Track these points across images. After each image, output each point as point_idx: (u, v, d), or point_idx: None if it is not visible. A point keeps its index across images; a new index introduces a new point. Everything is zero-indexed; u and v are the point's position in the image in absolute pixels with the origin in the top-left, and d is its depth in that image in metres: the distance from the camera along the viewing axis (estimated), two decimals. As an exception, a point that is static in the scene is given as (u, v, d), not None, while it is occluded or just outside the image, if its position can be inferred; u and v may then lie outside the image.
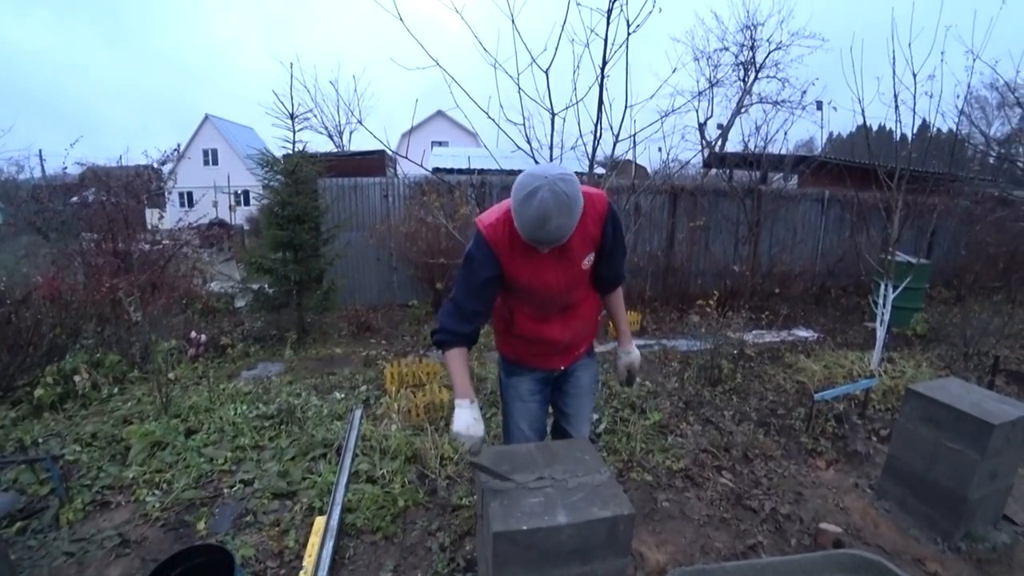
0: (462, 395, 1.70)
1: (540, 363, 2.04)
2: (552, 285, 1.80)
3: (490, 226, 1.71)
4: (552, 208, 1.46)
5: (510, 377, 2.09)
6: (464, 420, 1.65)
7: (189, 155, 27.41)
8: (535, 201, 1.46)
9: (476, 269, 1.71)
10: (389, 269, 7.91)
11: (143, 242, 6.51)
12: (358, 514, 2.61)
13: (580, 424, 2.16)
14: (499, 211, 1.74)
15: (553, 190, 1.45)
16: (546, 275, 1.77)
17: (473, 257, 1.72)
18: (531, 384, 2.07)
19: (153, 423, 3.57)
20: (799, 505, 2.85)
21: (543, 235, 1.52)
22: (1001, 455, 2.53)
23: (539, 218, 1.47)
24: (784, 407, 4.16)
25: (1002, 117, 13.15)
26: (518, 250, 1.71)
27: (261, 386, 4.49)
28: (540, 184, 1.46)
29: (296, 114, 5.98)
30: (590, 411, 2.23)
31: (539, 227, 1.49)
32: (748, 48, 15.77)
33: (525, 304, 1.87)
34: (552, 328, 1.92)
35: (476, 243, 1.73)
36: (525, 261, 1.73)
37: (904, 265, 5.59)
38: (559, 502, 1.48)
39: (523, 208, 1.49)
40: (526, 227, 1.52)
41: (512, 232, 1.68)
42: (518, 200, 1.50)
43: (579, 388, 2.13)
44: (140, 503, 2.76)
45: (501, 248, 1.70)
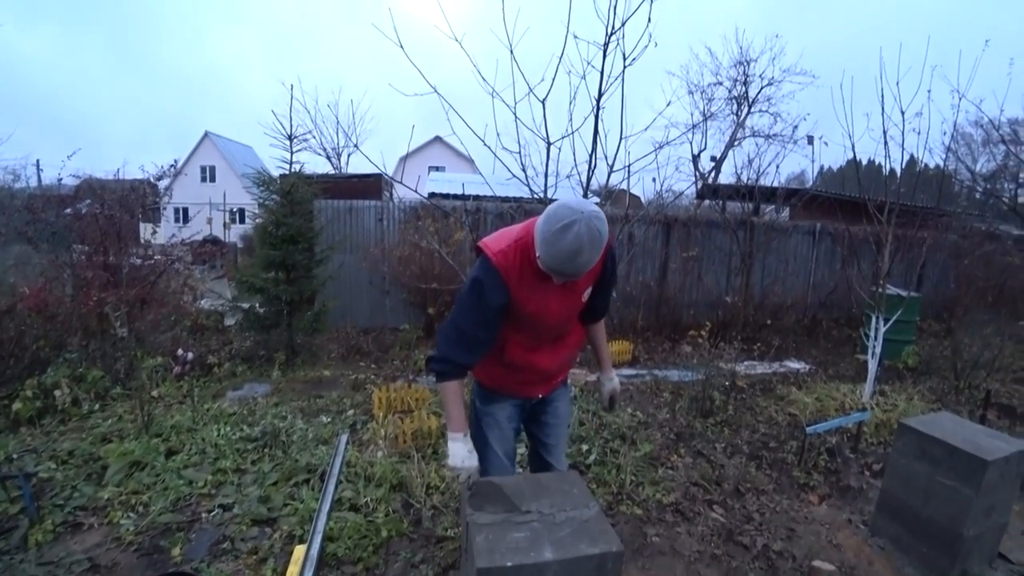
0: (457, 428, 1.73)
1: (520, 391, 2.02)
2: (555, 315, 1.81)
3: (501, 252, 1.69)
4: (586, 243, 1.46)
5: (487, 405, 2.05)
6: (460, 453, 1.69)
7: (187, 171, 27.46)
8: (570, 235, 1.45)
9: (486, 296, 1.68)
10: (381, 292, 7.87)
11: (134, 256, 6.44)
12: (340, 543, 2.53)
13: (560, 453, 2.15)
14: (509, 238, 1.73)
15: (589, 225, 1.46)
16: (551, 305, 1.77)
17: (483, 284, 1.68)
18: (509, 411, 2.05)
19: (133, 442, 3.48)
20: (791, 542, 2.80)
21: (571, 268, 1.52)
22: (996, 492, 2.50)
23: (573, 251, 1.47)
24: (776, 440, 4.12)
25: (987, 153, 13.46)
26: (527, 279, 1.70)
27: (246, 407, 4.41)
28: (577, 218, 1.46)
29: (295, 135, 6.01)
30: (566, 441, 2.23)
31: (570, 260, 1.49)
32: (741, 83, 16.17)
33: (520, 332, 1.85)
34: (542, 357, 1.91)
35: (485, 270, 1.69)
36: (533, 290, 1.72)
37: (895, 298, 5.62)
38: (546, 537, 1.43)
39: (557, 239, 1.47)
40: (556, 258, 1.50)
41: (523, 260, 1.68)
42: (552, 231, 1.48)
43: (558, 418, 2.12)
44: (114, 526, 2.68)
45: (511, 275, 1.69)
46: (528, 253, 1.68)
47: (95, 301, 4.98)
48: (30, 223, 6.96)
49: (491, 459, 2.05)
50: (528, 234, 1.69)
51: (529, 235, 1.68)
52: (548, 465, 2.12)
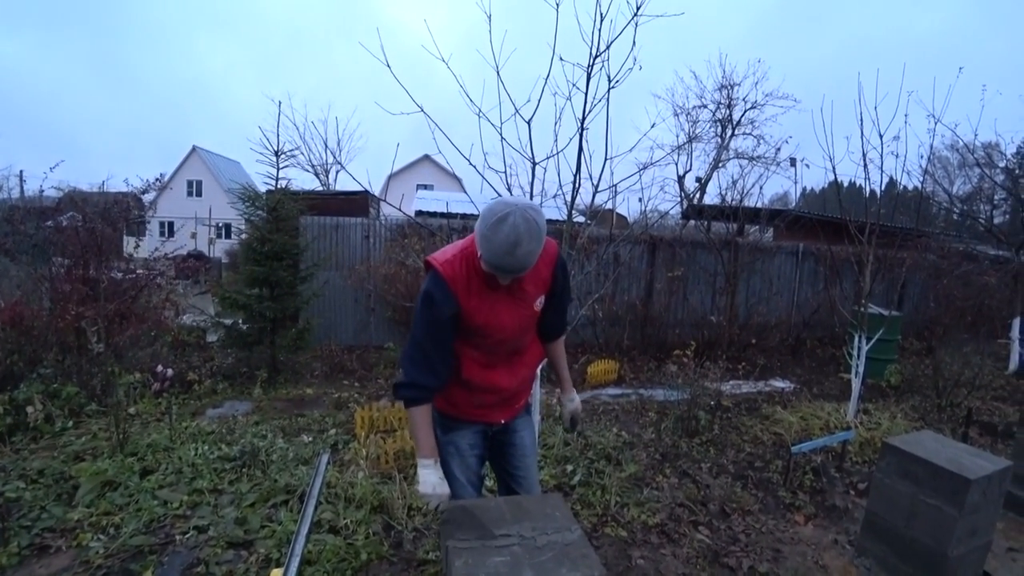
0: (427, 454, 1.70)
1: (481, 416, 1.94)
2: (507, 326, 1.78)
3: (446, 263, 1.68)
4: (523, 233, 1.47)
5: (448, 433, 1.96)
6: (430, 480, 1.66)
7: (173, 185, 27.31)
8: (506, 226, 1.46)
9: (436, 307, 1.66)
10: (366, 310, 7.82)
11: (116, 270, 6.33)
12: (318, 567, 2.47)
13: (531, 485, 2.07)
14: (454, 249, 1.72)
15: (524, 216, 1.48)
16: (501, 316, 1.75)
17: (432, 296, 1.66)
18: (471, 438, 1.96)
19: (107, 461, 3.39)
20: (778, 563, 2.78)
21: (512, 261, 1.51)
22: (979, 511, 2.50)
23: (510, 243, 1.47)
24: (761, 459, 4.11)
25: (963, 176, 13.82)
26: (475, 288, 1.69)
27: (226, 426, 4.32)
28: (510, 211, 1.48)
29: (282, 151, 6.00)
30: (536, 469, 2.14)
31: (509, 252, 1.48)
32: (725, 106, 16.51)
33: (475, 348, 1.81)
34: (499, 375, 1.87)
35: (433, 282, 1.67)
36: (481, 300, 1.70)
37: (877, 317, 5.69)
38: (526, 562, 1.40)
39: (493, 233, 1.48)
40: (496, 253, 1.50)
41: (469, 270, 1.68)
42: (488, 225, 1.49)
43: (524, 448, 2.05)
44: (83, 548, 2.58)
45: (459, 285, 1.67)
46: (473, 261, 1.67)
47: (72, 315, 4.88)
48: (9, 235, 6.84)
49: (455, 488, 1.93)
50: (472, 244, 1.68)
51: (473, 245, 1.67)
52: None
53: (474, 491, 2.01)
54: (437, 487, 1.65)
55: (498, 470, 2.11)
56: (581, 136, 3.50)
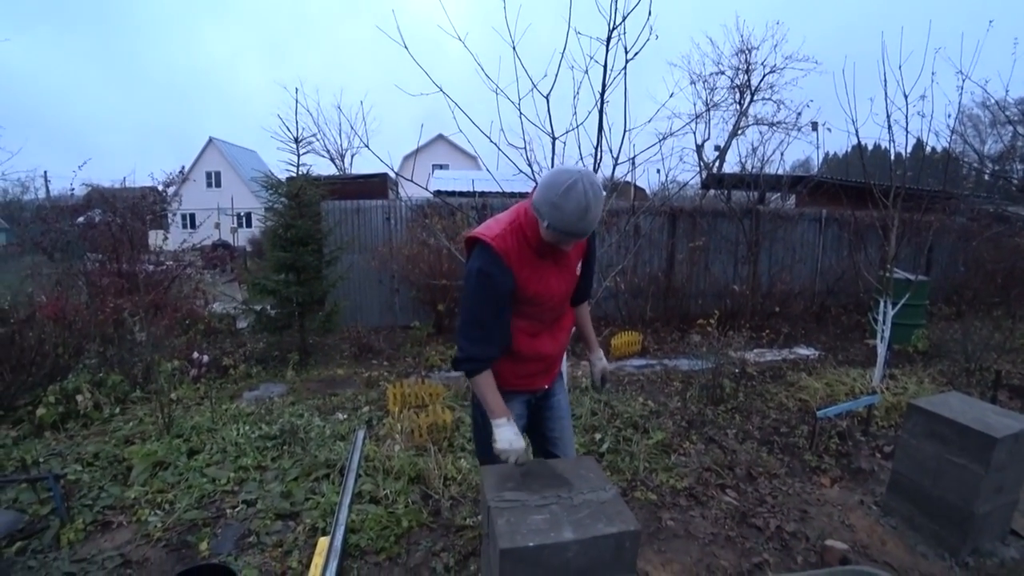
0: (499, 414, 1.78)
1: (527, 385, 2.01)
2: (555, 292, 1.86)
3: (498, 238, 1.72)
4: (592, 197, 1.53)
5: None
6: (506, 436, 1.74)
7: (193, 177, 27.67)
8: (576, 193, 1.51)
9: (497, 284, 1.71)
10: (391, 291, 7.94)
11: (147, 263, 6.55)
12: (362, 535, 2.60)
13: (567, 446, 2.14)
14: (499, 224, 1.77)
15: (590, 180, 1.54)
16: (551, 283, 1.82)
17: (489, 273, 1.70)
18: (518, 408, 2.02)
19: (155, 443, 3.57)
20: (804, 523, 2.84)
21: (584, 225, 1.57)
22: (1005, 469, 2.53)
23: (582, 208, 1.52)
24: (787, 425, 4.15)
25: (995, 135, 13.33)
26: (526, 260, 1.75)
27: (263, 407, 4.48)
28: (576, 177, 1.52)
29: (300, 138, 6.08)
30: (572, 432, 2.24)
31: (581, 217, 1.54)
32: (743, 72, 16.03)
33: (523, 318, 1.87)
34: (544, 342, 1.95)
35: (487, 258, 1.71)
36: (532, 270, 1.77)
37: (903, 282, 5.62)
38: (565, 519, 1.49)
39: (564, 200, 1.52)
40: (568, 219, 1.54)
41: (520, 242, 1.73)
42: (557, 194, 1.53)
43: (560, 411, 2.14)
44: (142, 523, 2.75)
45: (512, 258, 1.73)
46: (523, 234, 1.73)
47: (111, 308, 5.09)
48: (44, 233, 7.10)
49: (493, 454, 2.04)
50: (519, 217, 1.75)
51: (520, 218, 1.74)
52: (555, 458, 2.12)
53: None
54: (513, 442, 1.73)
55: (535, 435, 2.19)
56: (601, 109, 3.50)
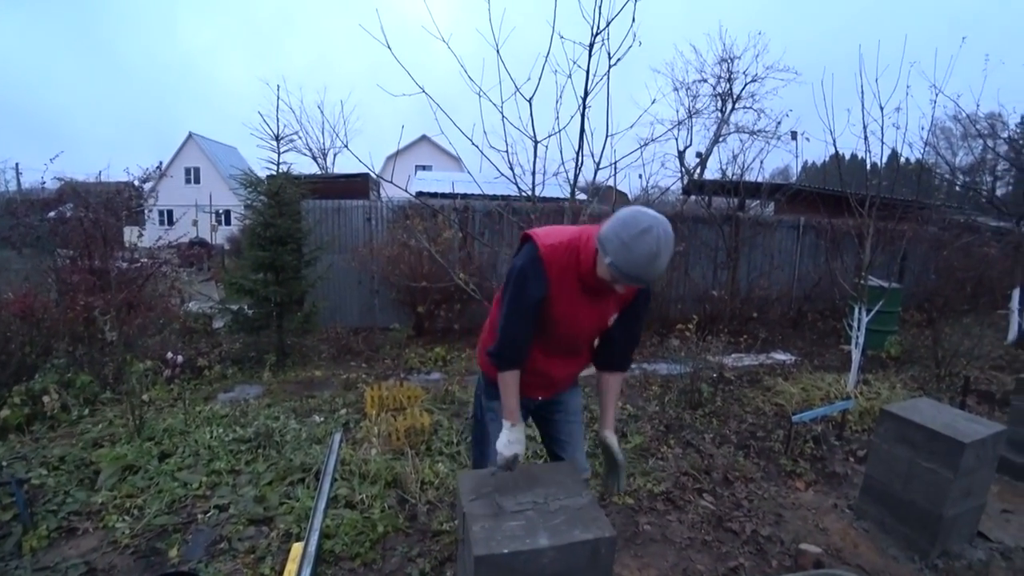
0: (510, 417, 1.81)
1: (524, 392, 1.99)
2: (582, 328, 1.83)
3: (551, 247, 1.68)
4: (664, 246, 1.47)
5: (491, 400, 2.06)
6: (505, 439, 1.79)
7: (171, 173, 27.12)
8: (649, 238, 1.45)
9: (528, 287, 1.69)
10: (371, 292, 7.88)
11: (120, 260, 6.38)
12: (336, 540, 2.56)
13: (575, 449, 2.15)
14: (561, 236, 1.72)
15: (666, 230, 1.47)
16: (579, 315, 1.78)
17: (527, 275, 1.68)
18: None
19: (125, 446, 3.48)
20: (779, 527, 2.87)
21: (649, 272, 1.50)
22: (973, 473, 2.59)
23: (652, 255, 1.46)
24: (763, 429, 4.20)
25: (966, 147, 13.72)
26: (566, 282, 1.71)
27: (238, 409, 4.40)
28: (653, 223, 1.47)
29: (281, 136, 6.00)
30: (581, 435, 2.23)
31: (649, 263, 1.47)
32: (725, 80, 16.30)
33: (540, 335, 1.84)
34: (554, 365, 1.93)
35: (531, 259, 1.69)
36: (567, 296, 1.73)
37: (877, 289, 5.74)
38: (541, 525, 1.48)
39: (636, 243, 1.46)
40: (635, 262, 1.47)
41: (570, 262, 1.68)
42: (630, 235, 1.46)
43: (568, 414, 2.13)
44: (109, 529, 2.68)
45: (553, 272, 1.69)
46: (576, 256, 1.68)
47: (82, 306, 4.94)
48: (13, 228, 6.87)
49: (490, 455, 2.04)
50: (582, 240, 1.68)
51: (582, 241, 1.67)
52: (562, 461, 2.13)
53: None
54: (509, 447, 1.76)
55: (544, 437, 2.22)
56: (583, 114, 3.52)
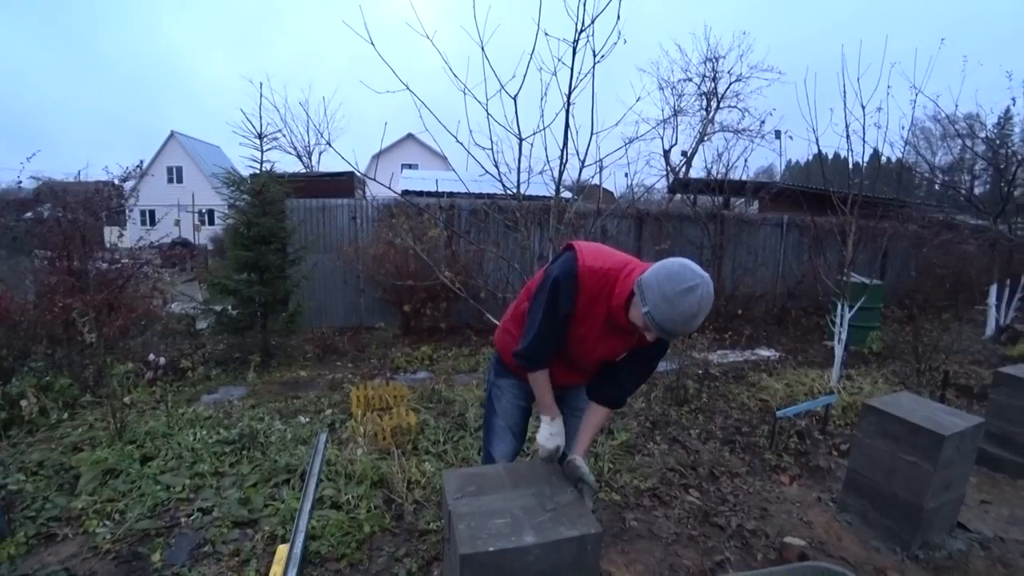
0: (547, 412, 1.92)
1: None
2: (591, 354, 1.85)
3: (590, 270, 1.68)
4: (703, 308, 1.47)
5: (499, 378, 2.15)
6: (545, 433, 1.90)
7: (153, 172, 26.74)
8: (693, 297, 1.45)
9: (561, 301, 1.70)
10: (356, 291, 7.83)
11: (100, 261, 6.26)
12: (322, 541, 2.54)
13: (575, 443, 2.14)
14: (604, 261, 1.70)
15: (708, 291, 1.47)
16: (592, 344, 1.81)
17: (559, 288, 1.69)
18: (517, 390, 2.14)
19: (106, 450, 3.41)
20: (764, 521, 2.90)
21: (684, 329, 1.51)
22: (953, 466, 2.63)
23: (691, 314, 1.47)
24: (748, 425, 4.24)
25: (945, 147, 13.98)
26: (593, 309, 1.72)
27: (222, 410, 4.35)
28: (699, 282, 1.46)
29: (264, 134, 5.93)
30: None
31: (686, 322, 1.48)
32: (710, 79, 16.44)
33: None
34: (562, 373, 1.97)
35: (567, 274, 1.68)
36: (588, 321, 1.75)
37: (859, 286, 5.82)
38: (526, 523, 1.47)
39: (679, 299, 1.45)
40: (673, 317, 1.47)
41: (604, 292, 1.68)
42: (674, 291, 1.46)
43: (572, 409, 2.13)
44: (90, 535, 2.62)
45: (584, 295, 1.70)
46: (612, 289, 1.67)
47: (61, 307, 4.84)
48: (-12, 228, 6.72)
49: (495, 427, 2.15)
50: (622, 274, 1.66)
51: (622, 276, 1.66)
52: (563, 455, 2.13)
53: (514, 440, 2.16)
54: (550, 440, 1.87)
55: None
56: (568, 111, 3.52)
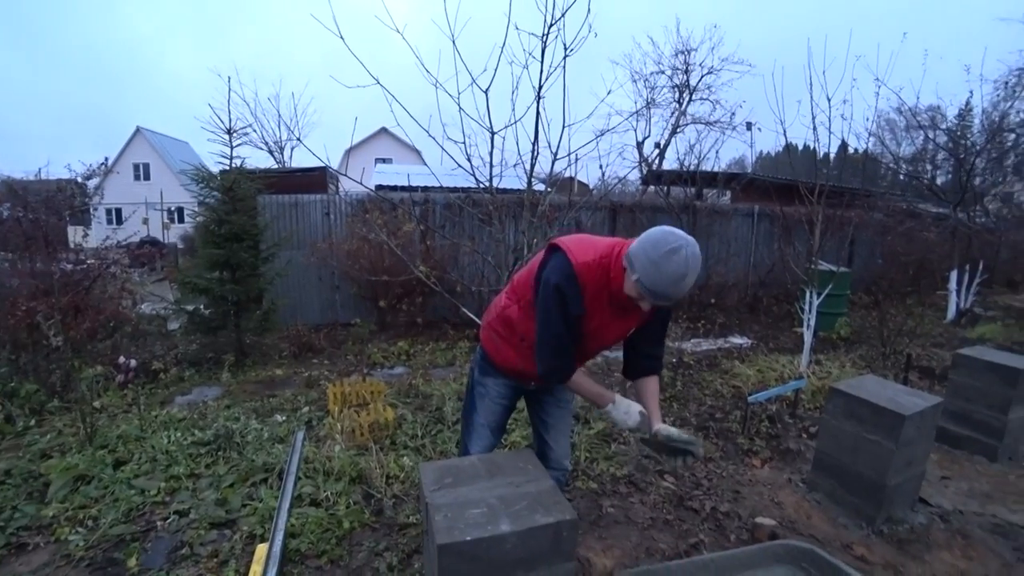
0: (608, 399, 1.89)
1: (516, 376, 2.09)
2: (607, 338, 1.89)
3: (586, 265, 1.70)
4: (692, 267, 1.50)
5: (484, 376, 2.14)
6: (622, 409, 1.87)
7: (118, 169, 25.99)
8: (678, 258, 1.49)
9: (569, 304, 1.71)
10: (331, 288, 7.75)
11: (65, 262, 6.09)
12: (302, 539, 2.53)
13: (560, 435, 2.22)
14: (594, 252, 1.73)
15: (694, 251, 1.51)
16: (607, 328, 1.84)
17: (564, 294, 1.70)
18: (502, 388, 2.13)
19: (76, 456, 3.34)
20: (737, 503, 2.99)
21: (675, 291, 1.53)
22: (914, 444, 2.75)
23: (679, 275, 1.50)
24: (722, 411, 4.34)
25: (908, 138, 14.39)
26: (599, 299, 1.74)
27: (197, 411, 4.29)
28: (682, 243, 1.50)
29: (234, 129, 5.82)
30: (570, 424, 2.30)
31: (676, 283, 1.51)
32: (682, 72, 16.58)
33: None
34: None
35: (566, 278, 1.70)
36: (598, 311, 1.77)
37: (826, 273, 5.98)
38: (502, 511, 1.50)
39: (665, 262, 1.49)
40: (662, 282, 1.51)
41: (603, 279, 1.71)
42: (659, 253, 1.50)
43: (558, 400, 2.19)
44: (62, 543, 2.57)
45: (588, 291, 1.72)
46: (608, 275, 1.70)
47: (24, 311, 4.70)
48: (-56, 231, 6.47)
49: (475, 424, 2.15)
50: (612, 256, 1.70)
51: (612, 258, 1.70)
52: (546, 445, 2.21)
53: (492, 436, 2.17)
54: (629, 417, 1.85)
55: (533, 419, 2.27)
56: (538, 105, 3.54)
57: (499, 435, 2.24)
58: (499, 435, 2.24)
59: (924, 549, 2.59)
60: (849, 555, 2.52)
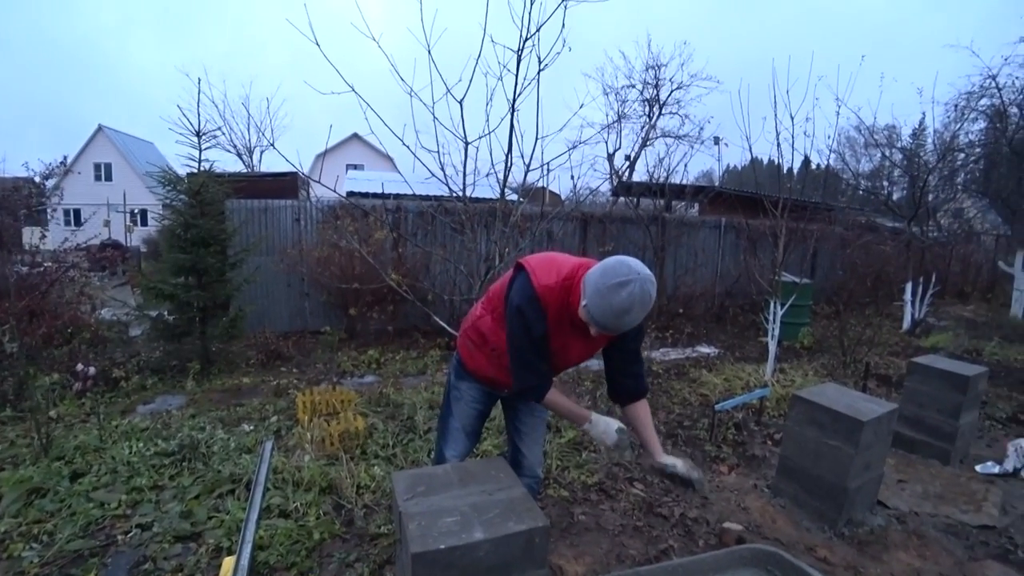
0: (586, 417, 1.87)
1: (490, 383, 2.12)
2: (571, 357, 1.92)
3: (547, 288, 1.72)
4: (637, 303, 1.49)
5: (459, 380, 2.17)
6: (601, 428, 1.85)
7: (78, 169, 25.10)
8: (624, 292, 1.48)
9: (532, 326, 1.73)
10: (301, 295, 7.63)
11: (20, 264, 5.86)
12: (271, 551, 2.48)
13: (533, 443, 2.25)
14: (557, 274, 1.74)
15: (643, 288, 1.50)
16: (571, 348, 1.87)
17: (526, 315, 1.72)
18: (477, 393, 2.17)
19: (30, 468, 3.20)
20: (705, 509, 3.05)
21: (616, 324, 1.54)
22: (872, 448, 2.87)
23: (622, 309, 1.49)
24: (690, 419, 4.43)
25: (867, 155, 15.02)
26: (562, 320, 1.77)
27: (160, 421, 4.16)
28: (633, 278, 1.49)
29: (203, 131, 5.70)
30: (543, 433, 2.32)
31: (618, 317, 1.51)
32: (653, 86, 16.95)
33: None
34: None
35: (528, 299, 1.72)
36: (560, 332, 1.80)
37: (790, 285, 6.18)
38: (475, 519, 1.51)
39: (610, 294, 1.50)
40: (604, 312, 1.52)
41: (563, 301, 1.73)
42: (607, 285, 1.50)
43: (533, 409, 2.21)
44: (15, 559, 2.46)
45: (551, 312, 1.74)
46: (570, 295, 1.72)
47: (-25, 316, 4.51)
48: None
49: (450, 428, 2.17)
50: (576, 277, 1.71)
51: (576, 279, 1.70)
52: (519, 452, 2.24)
53: (467, 440, 2.19)
54: (608, 435, 1.83)
55: (507, 426, 2.30)
56: (512, 116, 3.59)
57: (474, 440, 2.27)
58: (474, 440, 2.27)
59: (882, 550, 2.70)
60: (813, 557, 2.60)
